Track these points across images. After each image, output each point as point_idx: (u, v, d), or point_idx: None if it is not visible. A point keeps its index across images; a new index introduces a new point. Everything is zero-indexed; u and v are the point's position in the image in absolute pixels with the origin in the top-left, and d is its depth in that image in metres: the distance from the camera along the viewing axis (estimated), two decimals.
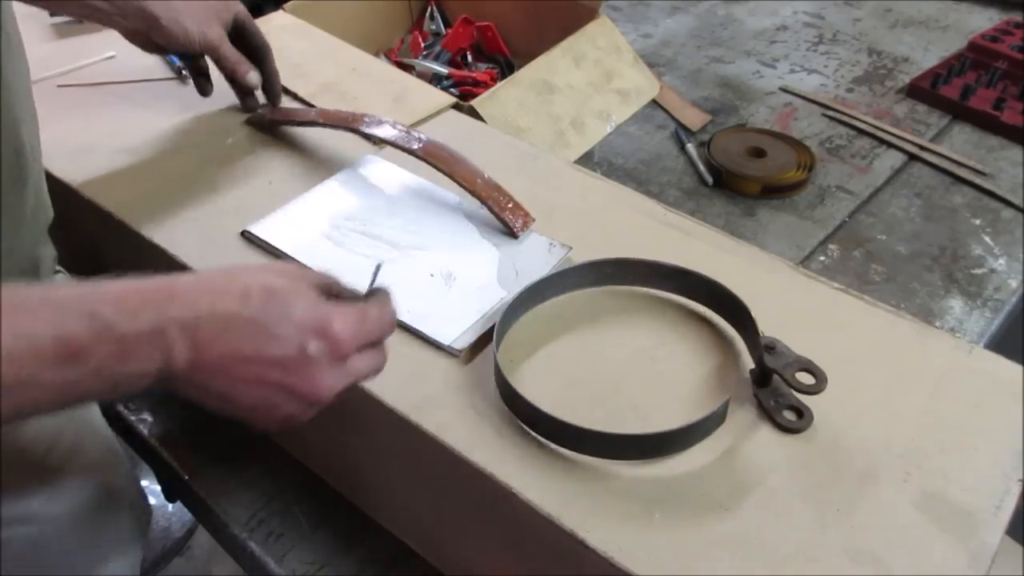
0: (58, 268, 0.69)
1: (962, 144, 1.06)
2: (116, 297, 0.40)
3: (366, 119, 0.74)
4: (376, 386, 0.55)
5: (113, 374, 0.40)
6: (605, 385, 0.55)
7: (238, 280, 0.44)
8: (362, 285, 0.50)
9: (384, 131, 0.72)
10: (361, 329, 0.46)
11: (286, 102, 0.83)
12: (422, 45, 1.17)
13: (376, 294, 0.49)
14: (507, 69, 1.14)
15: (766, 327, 0.57)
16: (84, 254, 0.81)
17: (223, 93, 0.84)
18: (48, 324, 0.38)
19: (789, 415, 0.53)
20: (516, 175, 0.69)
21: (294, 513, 0.68)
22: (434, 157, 0.69)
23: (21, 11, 0.97)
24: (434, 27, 1.21)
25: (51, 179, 0.73)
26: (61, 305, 0.39)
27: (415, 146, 0.70)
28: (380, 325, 0.47)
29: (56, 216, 0.66)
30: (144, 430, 0.75)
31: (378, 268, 0.51)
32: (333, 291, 0.48)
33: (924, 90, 1.13)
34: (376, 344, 0.48)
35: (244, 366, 0.42)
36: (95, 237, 0.77)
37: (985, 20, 1.33)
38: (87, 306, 0.39)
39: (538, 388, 0.54)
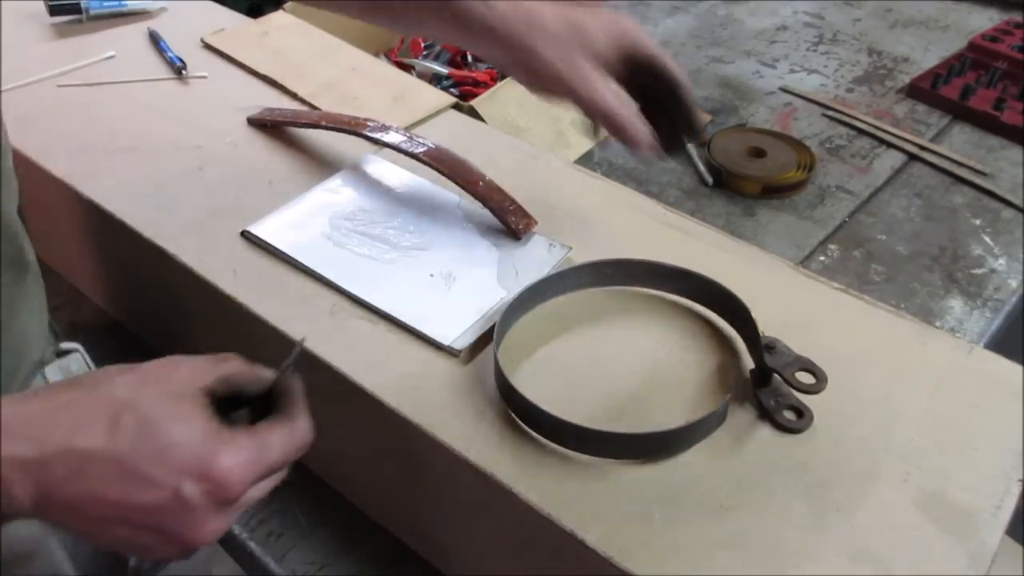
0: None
1: (962, 144, 1.06)
2: None
3: (369, 124, 0.74)
4: (376, 386, 0.55)
5: None
6: (605, 385, 0.55)
7: (108, 404, 0.38)
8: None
9: (389, 137, 0.72)
10: (257, 466, 0.39)
11: (286, 102, 0.83)
12: (422, 45, 1.17)
13: (287, 403, 0.42)
14: None
15: (766, 327, 0.57)
16: (84, 255, 0.81)
17: (223, 93, 0.84)
18: None
19: (789, 415, 0.53)
20: (516, 175, 0.69)
21: (294, 513, 0.68)
22: (437, 161, 0.69)
23: (21, 11, 0.97)
24: None
25: (51, 179, 0.73)
26: None
27: (419, 151, 0.70)
28: (283, 454, 0.41)
29: (56, 217, 0.66)
30: None
31: (298, 347, 0.45)
32: (234, 388, 0.42)
33: (924, 90, 1.13)
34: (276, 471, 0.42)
35: (105, 509, 0.37)
36: (95, 237, 0.77)
37: (985, 20, 1.33)
38: None
39: (538, 388, 0.54)
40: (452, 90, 1.08)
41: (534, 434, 0.52)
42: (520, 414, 0.52)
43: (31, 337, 0.58)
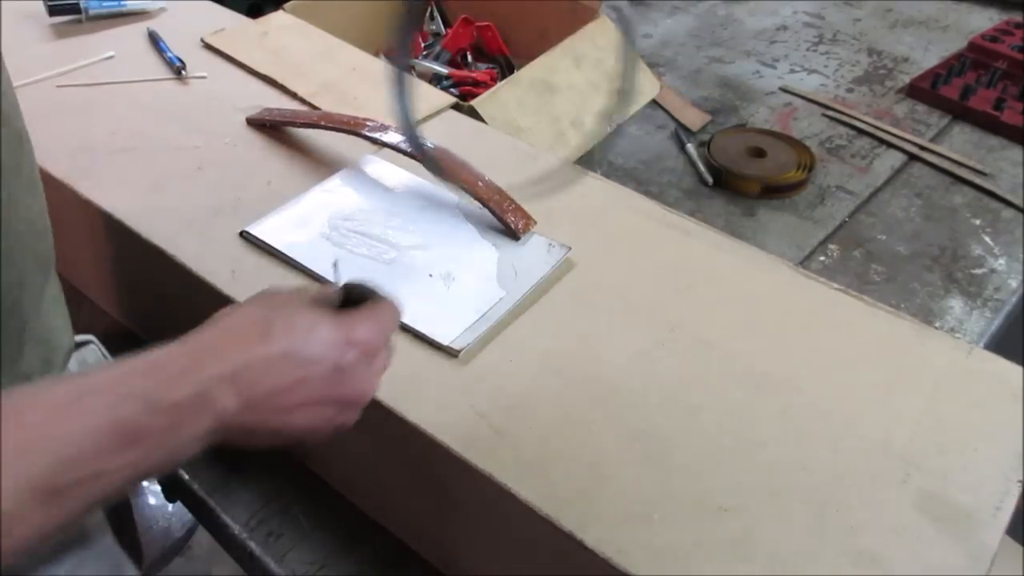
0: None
1: (962, 144, 1.06)
2: (150, 370, 0.40)
3: (369, 123, 0.74)
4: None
5: (171, 446, 0.40)
6: (605, 385, 0.55)
7: (253, 321, 0.44)
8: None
9: (388, 137, 0.72)
10: (382, 329, 0.47)
11: (286, 102, 0.83)
12: (422, 45, 1.17)
13: (370, 294, 0.49)
14: (507, 69, 1.14)
15: (766, 327, 0.57)
16: (84, 255, 0.81)
17: (222, 93, 0.84)
18: (99, 415, 0.38)
19: None
20: (516, 175, 0.69)
21: (294, 513, 0.68)
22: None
23: (21, 11, 0.97)
24: (434, 27, 1.21)
25: (51, 179, 0.73)
26: (102, 393, 0.39)
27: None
28: (392, 321, 0.49)
29: (55, 217, 0.65)
30: None
31: (336, 264, 0.53)
32: (324, 301, 0.48)
33: (924, 90, 1.13)
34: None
35: (291, 395, 0.44)
36: (94, 238, 0.77)
37: (985, 20, 1.33)
38: (126, 387, 0.39)
39: (538, 387, 0.54)
40: (452, 90, 1.08)
41: (533, 434, 0.52)
42: None
43: (60, 328, 0.60)
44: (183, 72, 0.87)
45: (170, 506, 1.39)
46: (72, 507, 0.37)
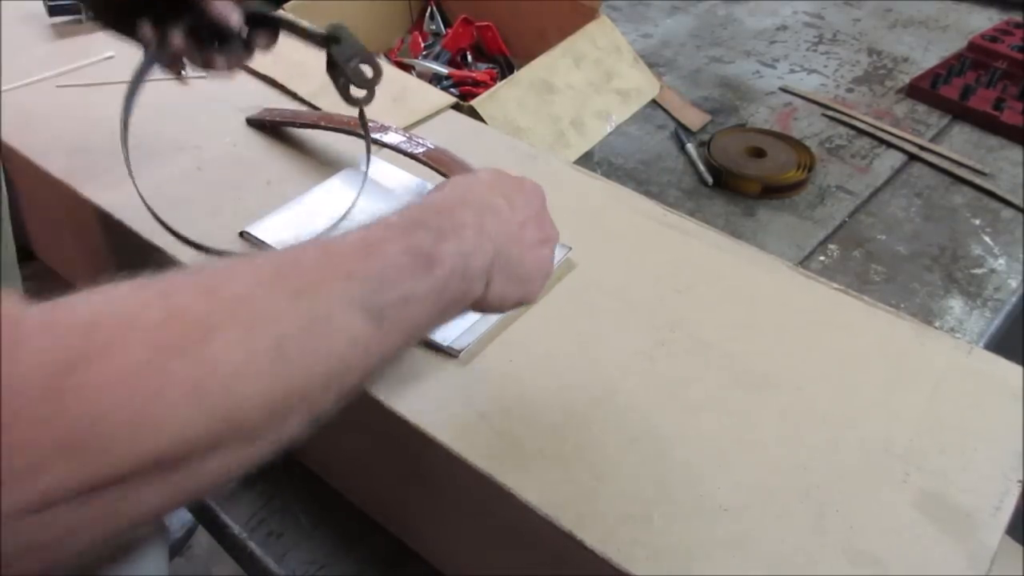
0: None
1: (962, 144, 1.06)
2: (422, 208, 0.43)
3: (369, 124, 0.74)
4: (375, 387, 0.55)
5: (464, 271, 0.41)
6: (605, 385, 0.55)
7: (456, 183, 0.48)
8: None
9: (388, 137, 0.72)
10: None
11: (286, 102, 0.83)
12: (422, 45, 1.17)
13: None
14: (507, 69, 1.14)
15: (766, 327, 0.57)
16: (83, 255, 0.81)
17: (223, 93, 0.84)
18: (397, 242, 0.39)
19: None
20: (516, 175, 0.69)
21: (294, 513, 0.68)
22: (436, 161, 0.69)
23: (21, 11, 0.97)
24: (434, 27, 1.21)
25: (51, 179, 0.73)
26: (393, 226, 0.40)
27: (418, 151, 0.70)
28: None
29: (55, 217, 0.66)
30: None
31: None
32: None
33: (924, 90, 1.13)
34: None
35: (538, 219, 0.49)
36: (93, 238, 0.77)
37: (985, 20, 1.33)
38: (412, 219, 0.41)
39: (538, 388, 0.54)
40: (452, 90, 1.08)
41: (533, 434, 0.52)
42: None
43: None
44: (183, 72, 0.86)
45: None
46: (393, 336, 0.38)
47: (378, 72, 0.61)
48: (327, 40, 0.60)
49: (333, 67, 0.62)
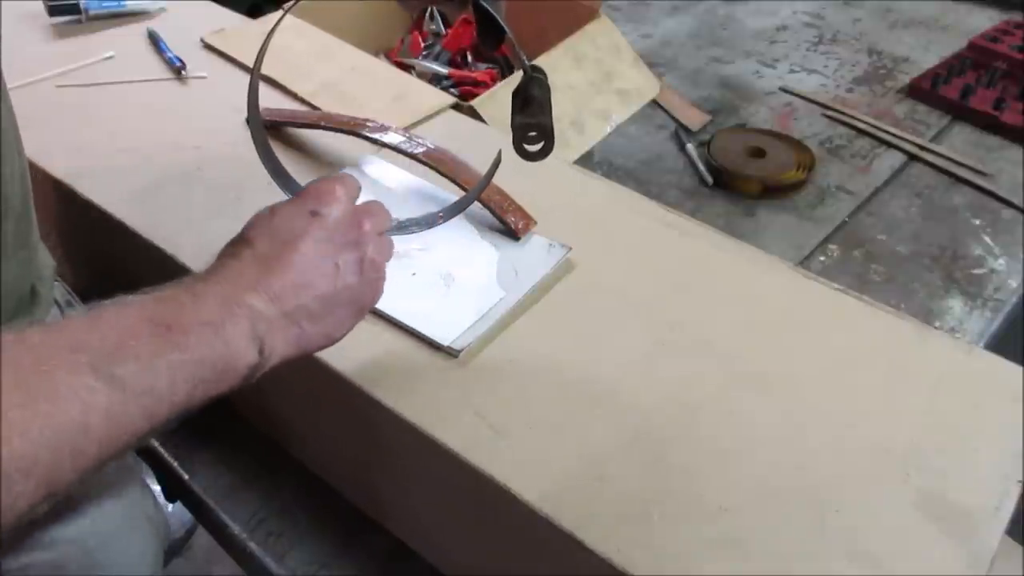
0: (56, 278, 0.69)
1: (962, 144, 1.06)
2: (170, 294, 0.42)
3: (369, 124, 0.74)
4: (374, 386, 0.55)
5: (214, 338, 0.41)
6: (605, 385, 0.55)
7: (230, 253, 0.47)
8: None
9: (388, 137, 0.72)
10: (327, 181, 0.50)
11: (286, 102, 0.83)
12: (422, 45, 1.17)
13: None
14: (507, 69, 1.14)
15: (766, 327, 0.57)
16: (84, 256, 0.81)
17: (223, 93, 0.84)
18: (131, 315, 0.39)
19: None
20: (516, 175, 0.69)
21: (294, 513, 0.68)
22: (436, 161, 0.69)
23: (21, 11, 0.97)
24: (434, 27, 1.21)
25: (51, 179, 0.73)
26: (129, 304, 0.40)
27: (418, 151, 0.70)
28: (348, 177, 0.52)
29: (55, 218, 0.66)
30: None
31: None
32: None
33: (924, 90, 1.13)
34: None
35: (295, 254, 0.46)
36: (95, 237, 0.77)
37: (985, 20, 1.33)
38: (153, 294, 0.42)
39: (538, 388, 0.54)
40: (452, 90, 1.08)
41: (533, 434, 0.52)
42: None
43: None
44: (183, 72, 0.87)
45: (170, 506, 1.40)
46: (145, 400, 0.37)
47: (543, 153, 0.61)
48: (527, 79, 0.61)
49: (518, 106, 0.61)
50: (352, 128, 0.74)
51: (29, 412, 0.34)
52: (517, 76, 0.97)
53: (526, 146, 0.60)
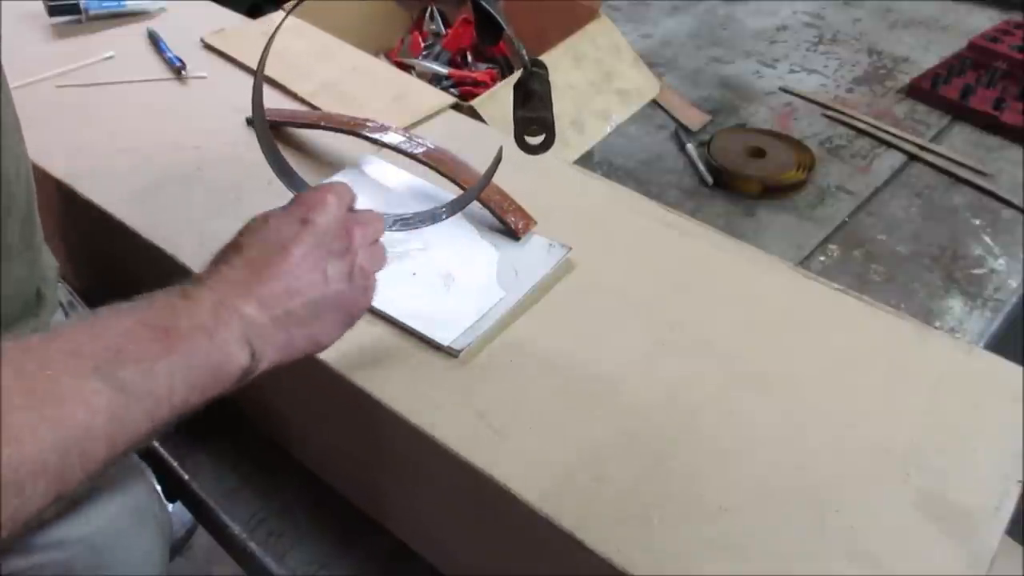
0: (59, 279, 0.69)
1: (962, 144, 1.06)
2: (163, 302, 0.43)
3: (369, 124, 0.74)
4: (375, 386, 0.55)
5: (209, 343, 0.42)
6: (605, 385, 0.55)
7: (221, 262, 0.47)
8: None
9: (388, 137, 0.72)
10: (321, 189, 0.51)
11: (286, 102, 0.83)
12: (422, 45, 1.17)
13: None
14: (507, 69, 1.14)
15: (766, 327, 0.57)
16: (85, 256, 0.81)
17: (223, 93, 0.84)
18: (128, 319, 0.40)
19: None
20: (516, 175, 0.69)
21: (294, 513, 0.68)
22: (436, 161, 0.69)
23: (21, 11, 0.97)
24: (434, 27, 1.21)
25: (51, 180, 0.73)
26: (123, 311, 0.41)
27: (418, 151, 0.70)
28: (341, 185, 0.52)
29: (56, 218, 0.66)
30: None
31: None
32: None
33: (924, 90, 1.13)
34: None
35: (284, 261, 0.46)
36: (95, 238, 0.77)
37: (985, 20, 1.33)
38: (146, 301, 0.42)
39: (538, 387, 0.54)
40: (452, 90, 1.08)
41: (533, 434, 0.52)
42: None
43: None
44: (183, 72, 0.87)
45: (170, 506, 1.40)
46: (147, 402, 0.38)
47: (544, 147, 0.62)
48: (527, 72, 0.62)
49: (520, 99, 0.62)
50: (352, 128, 0.74)
51: (36, 416, 0.34)
52: (517, 76, 0.98)
53: (527, 139, 0.60)
